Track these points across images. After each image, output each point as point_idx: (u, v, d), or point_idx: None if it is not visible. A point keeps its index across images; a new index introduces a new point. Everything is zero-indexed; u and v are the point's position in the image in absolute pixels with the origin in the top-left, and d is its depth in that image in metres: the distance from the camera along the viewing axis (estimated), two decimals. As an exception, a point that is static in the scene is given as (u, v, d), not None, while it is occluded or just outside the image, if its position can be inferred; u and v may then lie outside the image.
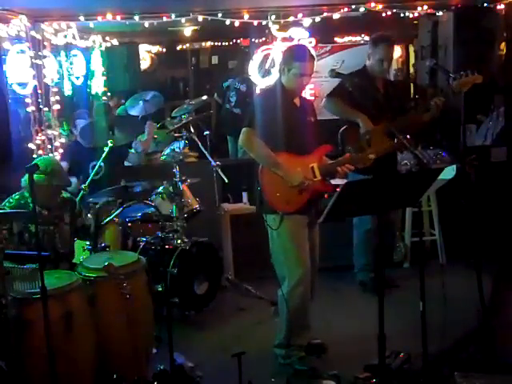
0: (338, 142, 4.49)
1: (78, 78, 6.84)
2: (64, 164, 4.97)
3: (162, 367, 3.46)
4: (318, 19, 5.65)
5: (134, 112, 6.26)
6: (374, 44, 4.62)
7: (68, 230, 3.80)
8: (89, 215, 3.92)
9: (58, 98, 5.54)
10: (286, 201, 3.59)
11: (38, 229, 3.54)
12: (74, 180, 4.69)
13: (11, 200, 3.64)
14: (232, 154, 7.10)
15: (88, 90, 7.27)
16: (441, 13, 5.75)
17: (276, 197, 3.59)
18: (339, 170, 3.70)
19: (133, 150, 5.75)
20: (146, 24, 5.51)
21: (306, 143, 3.72)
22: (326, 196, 4.24)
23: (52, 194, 3.66)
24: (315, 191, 3.68)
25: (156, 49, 9.95)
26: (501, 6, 5.59)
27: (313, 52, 3.92)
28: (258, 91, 5.94)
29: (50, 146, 5.35)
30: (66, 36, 5.78)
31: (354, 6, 5.52)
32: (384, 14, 5.62)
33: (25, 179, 3.63)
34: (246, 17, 5.48)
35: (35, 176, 3.49)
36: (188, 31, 7.79)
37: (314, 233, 3.81)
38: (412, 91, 8.40)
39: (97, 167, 4.66)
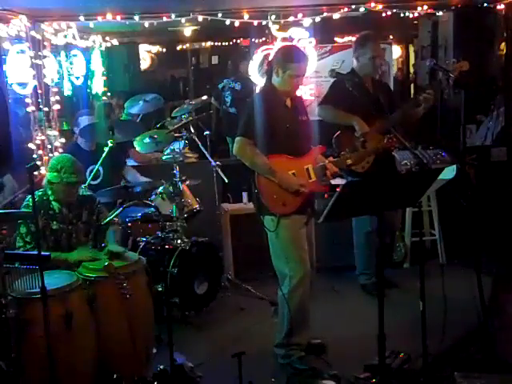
0: (332, 145, 4.49)
1: (78, 78, 6.85)
2: None
3: (161, 367, 3.46)
4: (318, 19, 5.65)
5: (133, 111, 6.26)
6: (362, 44, 4.65)
7: (84, 229, 3.79)
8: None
9: (57, 98, 5.53)
10: (283, 203, 3.58)
11: (57, 226, 3.63)
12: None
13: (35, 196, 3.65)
14: (232, 154, 7.09)
15: (88, 90, 7.27)
16: (441, 13, 5.76)
17: (273, 199, 3.58)
18: (327, 172, 3.71)
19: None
20: (146, 24, 5.51)
21: (300, 144, 3.71)
22: (325, 196, 4.25)
23: (66, 191, 3.64)
24: (311, 192, 3.69)
25: (156, 49, 9.97)
26: (501, 6, 5.59)
27: (306, 52, 3.91)
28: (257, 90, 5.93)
29: (49, 146, 5.35)
30: (66, 36, 5.78)
31: (354, 6, 5.52)
32: (384, 14, 5.62)
33: (46, 178, 3.67)
34: (246, 17, 5.48)
35: (49, 175, 3.59)
36: (188, 31, 7.80)
37: (308, 231, 3.81)
38: (412, 91, 8.43)
39: (94, 171, 4.64)
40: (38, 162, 4.77)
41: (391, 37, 7.92)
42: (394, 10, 5.62)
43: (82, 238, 3.77)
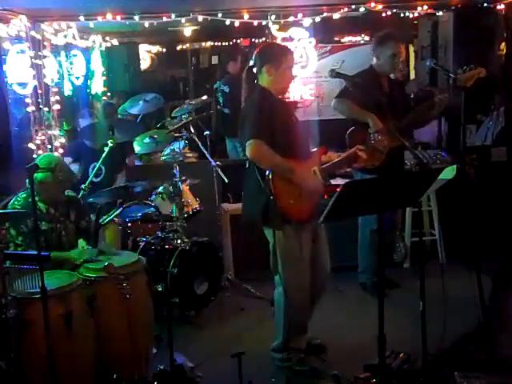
0: (337, 143, 4.49)
1: (78, 78, 6.84)
2: (68, 159, 4.98)
3: (162, 367, 3.46)
4: (318, 19, 5.65)
5: (133, 111, 6.26)
6: (382, 42, 4.60)
7: (73, 229, 3.80)
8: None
9: (57, 98, 5.54)
10: (299, 209, 3.49)
11: (46, 227, 3.63)
12: (76, 167, 4.70)
13: (19, 199, 3.64)
14: (229, 153, 7.08)
15: (88, 90, 7.26)
16: (441, 13, 5.75)
17: (290, 204, 3.44)
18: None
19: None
20: (146, 24, 5.51)
21: (305, 146, 3.66)
22: (325, 196, 4.24)
23: (58, 189, 3.66)
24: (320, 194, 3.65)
25: (156, 49, 9.94)
26: (501, 6, 5.59)
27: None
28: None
29: (49, 146, 5.35)
30: (66, 36, 5.78)
31: (354, 6, 5.52)
32: (384, 14, 5.63)
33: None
34: (246, 17, 5.49)
35: (40, 174, 3.54)
36: (188, 31, 7.79)
37: (320, 235, 3.75)
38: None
39: (96, 169, 4.66)
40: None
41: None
42: (394, 10, 5.62)
43: (71, 237, 3.76)
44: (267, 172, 3.41)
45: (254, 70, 3.64)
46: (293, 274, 3.61)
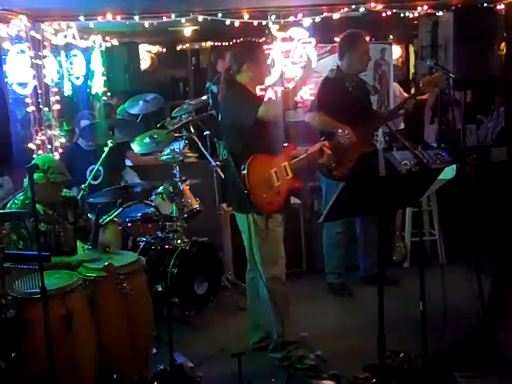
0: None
1: (78, 78, 6.83)
2: None
3: (161, 367, 3.46)
4: (318, 19, 5.66)
5: (133, 111, 6.26)
6: (355, 41, 4.65)
7: (72, 229, 3.79)
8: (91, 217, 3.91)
9: (57, 98, 5.53)
10: (270, 202, 3.61)
11: (45, 228, 3.61)
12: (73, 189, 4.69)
13: (16, 201, 3.62)
14: (220, 155, 7.05)
15: (88, 90, 7.25)
16: (441, 13, 5.75)
17: (262, 198, 3.58)
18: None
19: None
20: (146, 24, 5.52)
21: (278, 141, 3.72)
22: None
23: (51, 191, 3.64)
24: (289, 189, 3.73)
25: (156, 49, 9.95)
26: (501, 6, 5.60)
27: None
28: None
29: (49, 146, 5.35)
30: (66, 36, 5.78)
31: (354, 6, 5.53)
32: (384, 14, 5.63)
33: (27, 179, 3.62)
34: (246, 17, 5.49)
35: (35, 175, 3.50)
36: (188, 31, 7.80)
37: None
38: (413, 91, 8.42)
39: (94, 171, 4.65)
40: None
41: (391, 37, 7.93)
42: (394, 10, 5.62)
43: (70, 239, 3.75)
44: (242, 167, 3.56)
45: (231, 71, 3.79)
46: (271, 262, 3.71)
